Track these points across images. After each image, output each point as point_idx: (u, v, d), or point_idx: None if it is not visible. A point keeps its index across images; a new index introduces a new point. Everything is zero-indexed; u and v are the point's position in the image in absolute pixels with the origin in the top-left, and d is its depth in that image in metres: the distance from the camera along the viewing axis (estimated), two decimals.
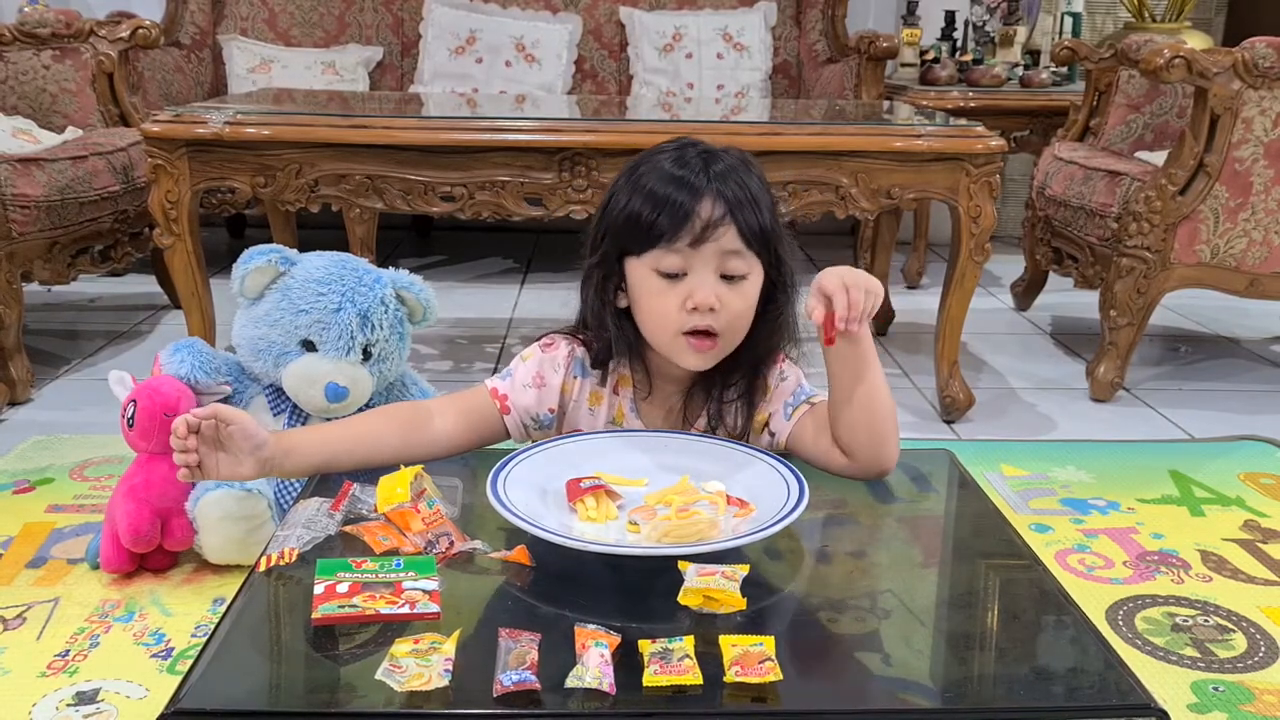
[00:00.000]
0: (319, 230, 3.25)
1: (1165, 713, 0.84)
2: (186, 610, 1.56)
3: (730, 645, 0.86)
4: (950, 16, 3.78)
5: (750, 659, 0.84)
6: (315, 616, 0.90)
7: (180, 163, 2.16)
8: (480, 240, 4.09)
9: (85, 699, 1.37)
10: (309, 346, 1.68)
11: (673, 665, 0.83)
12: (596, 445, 1.20)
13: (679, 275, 1.18)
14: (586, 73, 3.76)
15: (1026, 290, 3.27)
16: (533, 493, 1.09)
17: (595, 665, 0.82)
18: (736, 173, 1.19)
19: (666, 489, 1.10)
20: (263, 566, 1.00)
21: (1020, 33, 3.71)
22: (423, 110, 2.72)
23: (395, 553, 1.01)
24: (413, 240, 4.12)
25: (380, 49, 3.74)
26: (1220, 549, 1.83)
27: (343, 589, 0.93)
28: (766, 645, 0.85)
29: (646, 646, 0.86)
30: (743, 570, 0.95)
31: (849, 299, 1.11)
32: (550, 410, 1.28)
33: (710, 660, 0.84)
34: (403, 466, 1.08)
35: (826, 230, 3.77)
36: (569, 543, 0.98)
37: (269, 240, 2.12)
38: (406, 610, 0.91)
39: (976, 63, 3.65)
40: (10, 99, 2.83)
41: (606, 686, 0.81)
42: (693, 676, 0.82)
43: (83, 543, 1.73)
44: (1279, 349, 3.03)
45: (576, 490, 1.08)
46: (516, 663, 0.83)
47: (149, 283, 3.11)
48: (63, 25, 2.82)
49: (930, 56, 3.69)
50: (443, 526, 1.04)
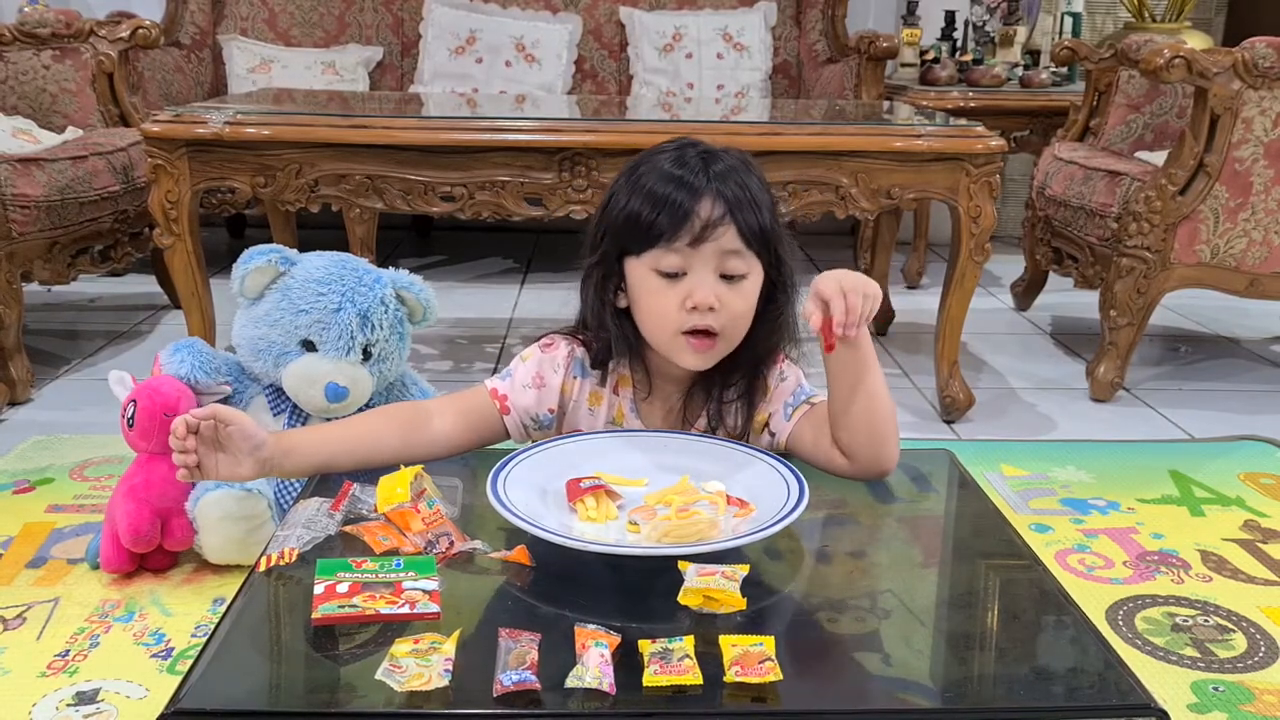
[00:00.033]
0: (319, 230, 3.25)
1: (1165, 713, 0.84)
2: (186, 610, 1.56)
3: (730, 645, 0.86)
4: (950, 16, 3.78)
5: (750, 659, 0.84)
6: (315, 616, 0.90)
7: (180, 163, 2.16)
8: (480, 240, 4.09)
9: (85, 699, 1.37)
10: (309, 346, 1.68)
11: (673, 665, 0.83)
12: (596, 445, 1.20)
13: (678, 275, 1.18)
14: (586, 73, 3.76)
15: (1026, 290, 3.27)
16: (533, 493, 1.09)
17: (595, 665, 0.82)
18: (736, 173, 1.19)
19: (666, 489, 1.10)
20: (263, 566, 1.00)
21: (1020, 33, 3.71)
22: (423, 110, 2.72)
23: (395, 553, 1.01)
24: (413, 240, 4.12)
25: (380, 49, 3.74)
26: (1220, 549, 1.83)
27: (343, 589, 0.93)
28: (766, 645, 0.85)
29: (646, 646, 0.86)
30: (743, 570, 0.95)
31: (846, 304, 1.10)
32: (550, 410, 1.28)
33: (710, 660, 0.84)
34: (402, 466, 1.08)
35: (826, 230, 3.77)
36: (569, 543, 0.98)
37: (269, 240, 2.12)
38: (406, 610, 0.91)
39: (976, 63, 3.65)
40: (10, 99, 2.83)
41: (606, 686, 0.81)
42: (693, 676, 0.82)
43: (83, 543, 1.74)
44: (1279, 349, 3.03)
45: (576, 490, 1.08)
46: (516, 663, 0.83)
47: (149, 283, 3.11)
48: (63, 25, 2.82)
49: (930, 56, 3.69)
50: (443, 526, 1.04)
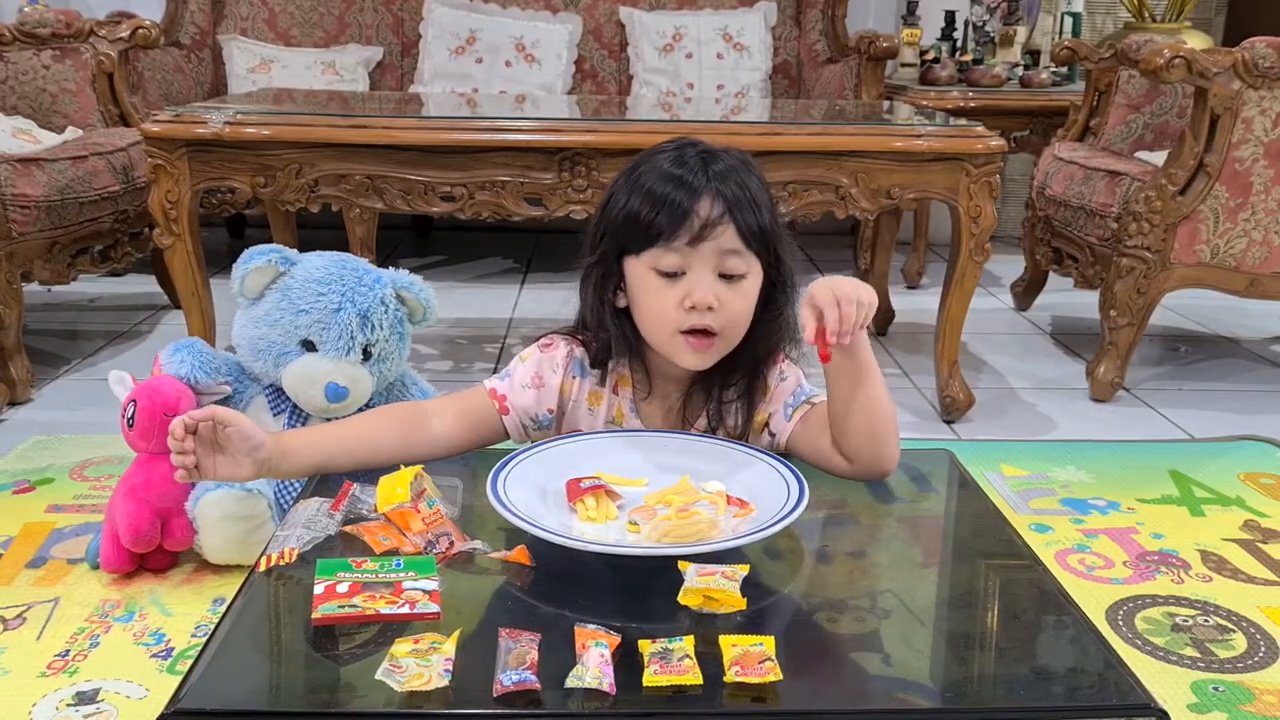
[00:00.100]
0: (319, 230, 3.25)
1: (1165, 713, 0.84)
2: (186, 610, 1.56)
3: (730, 645, 0.86)
4: (950, 16, 3.78)
5: (750, 659, 0.84)
6: (315, 616, 0.90)
7: (180, 163, 2.16)
8: (480, 240, 4.09)
9: (85, 699, 1.37)
10: (309, 346, 1.68)
11: (673, 665, 0.83)
12: (596, 445, 1.20)
13: (678, 274, 1.18)
14: (586, 73, 3.76)
15: (1026, 290, 3.27)
16: (533, 493, 1.09)
17: (595, 665, 0.82)
18: (736, 173, 1.19)
19: (666, 489, 1.10)
20: (263, 566, 1.00)
21: (1020, 33, 3.71)
22: (423, 110, 2.72)
23: (395, 553, 1.01)
24: (413, 240, 4.12)
25: (380, 49, 3.74)
26: (1220, 549, 1.83)
27: (343, 589, 0.93)
28: (766, 645, 0.85)
29: (646, 646, 0.86)
30: (743, 570, 0.95)
31: (840, 312, 1.09)
32: (549, 410, 1.28)
33: (710, 660, 0.84)
34: (402, 467, 1.08)
35: (826, 230, 3.77)
36: (569, 543, 0.98)
37: (269, 240, 2.12)
38: (406, 610, 0.91)
39: (976, 63, 3.65)
40: (10, 99, 2.83)
41: (606, 686, 0.81)
42: (693, 676, 0.82)
43: (83, 543, 1.74)
44: (1279, 349, 3.03)
45: (576, 490, 1.08)
46: (516, 663, 0.83)
47: (149, 283, 3.11)
48: (63, 25, 2.82)
49: (930, 56, 3.69)
50: (443, 526, 1.04)
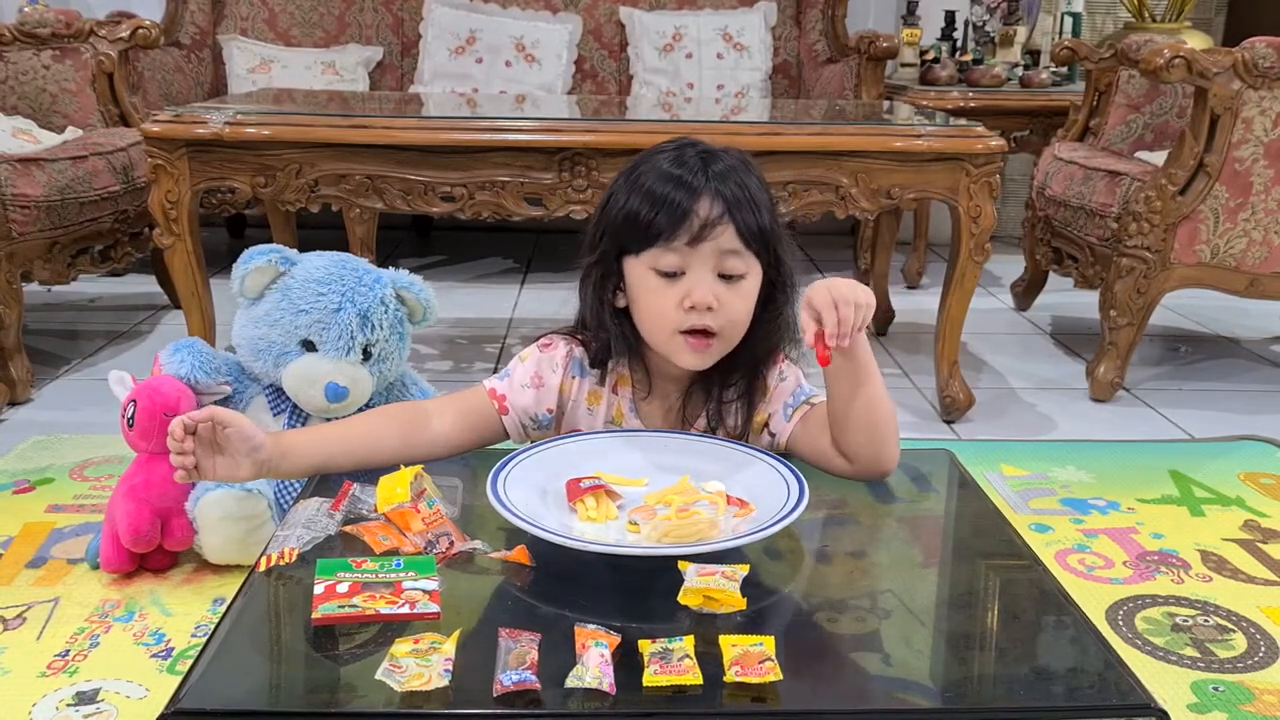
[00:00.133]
0: (319, 230, 3.25)
1: (1165, 713, 0.84)
2: (186, 610, 1.56)
3: (730, 645, 0.86)
4: (950, 16, 3.78)
5: (750, 659, 0.84)
6: (315, 616, 0.90)
7: (180, 163, 2.16)
8: (480, 240, 4.09)
9: (85, 699, 1.37)
10: (309, 346, 1.68)
11: (673, 665, 0.83)
12: (596, 445, 1.20)
13: (677, 274, 1.18)
14: (586, 73, 3.76)
15: (1026, 290, 3.27)
16: (533, 493, 1.09)
17: (595, 665, 0.82)
18: (735, 173, 1.19)
19: (666, 489, 1.10)
20: (263, 566, 1.00)
21: (1020, 33, 3.71)
22: (423, 110, 2.72)
23: (395, 553, 1.01)
24: (413, 240, 4.12)
25: (380, 49, 3.74)
26: (1220, 549, 1.83)
27: (343, 589, 0.93)
28: (766, 645, 0.85)
29: (646, 646, 0.86)
30: (743, 570, 0.95)
31: (839, 315, 1.09)
32: (549, 410, 1.28)
33: (710, 660, 0.84)
34: (402, 467, 1.08)
35: (826, 230, 3.77)
36: (569, 543, 0.98)
37: (269, 240, 2.12)
38: (406, 610, 0.91)
39: (976, 63, 3.65)
40: (10, 99, 2.83)
41: (606, 686, 0.81)
42: (693, 676, 0.82)
43: (83, 543, 1.73)
44: (1279, 349, 3.03)
45: (576, 490, 1.08)
46: (516, 663, 0.82)
47: (149, 283, 3.11)
48: (63, 25, 2.82)
49: (930, 56, 3.69)
50: (443, 526, 1.04)
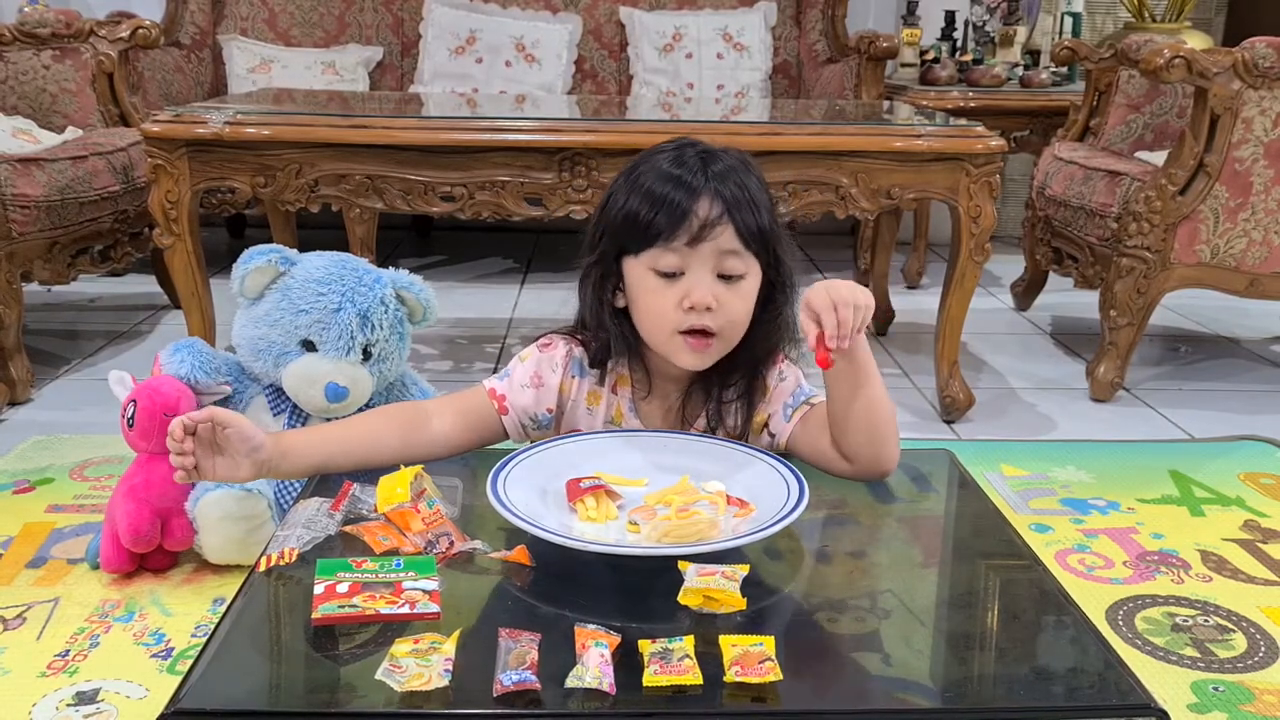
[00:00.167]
0: (319, 230, 3.25)
1: (1165, 713, 0.84)
2: (186, 610, 1.56)
3: (730, 645, 0.86)
4: (950, 16, 3.78)
5: (750, 659, 0.84)
6: (315, 616, 0.90)
7: (180, 163, 2.16)
8: (480, 240, 4.09)
9: (85, 699, 1.37)
10: (309, 346, 1.68)
11: (673, 665, 0.83)
12: (596, 445, 1.20)
13: (676, 274, 1.18)
14: (586, 73, 3.76)
15: (1026, 290, 3.27)
16: (533, 493, 1.09)
17: (595, 665, 0.82)
18: (735, 173, 1.19)
19: (666, 489, 1.10)
20: (263, 566, 1.00)
21: (1020, 33, 3.71)
22: (423, 110, 2.72)
23: (395, 553, 1.01)
24: (413, 240, 4.12)
25: (380, 49, 3.74)
26: (1220, 549, 1.83)
27: (343, 589, 0.93)
28: (766, 645, 0.85)
29: (646, 646, 0.86)
30: (743, 570, 0.95)
31: (838, 317, 1.09)
32: (548, 410, 1.28)
33: (710, 660, 0.84)
34: (402, 467, 1.08)
35: (826, 230, 3.77)
36: (569, 543, 0.98)
37: (269, 240, 2.13)
38: (406, 610, 0.91)
39: (976, 63, 3.65)
40: (10, 99, 2.83)
41: (606, 686, 0.81)
42: (693, 676, 0.82)
43: (83, 543, 1.73)
44: (1279, 349, 3.03)
45: (576, 490, 1.08)
46: (516, 663, 0.83)
47: (149, 283, 3.11)
48: (63, 25, 2.82)
49: (930, 56, 3.69)
50: (443, 526, 1.04)
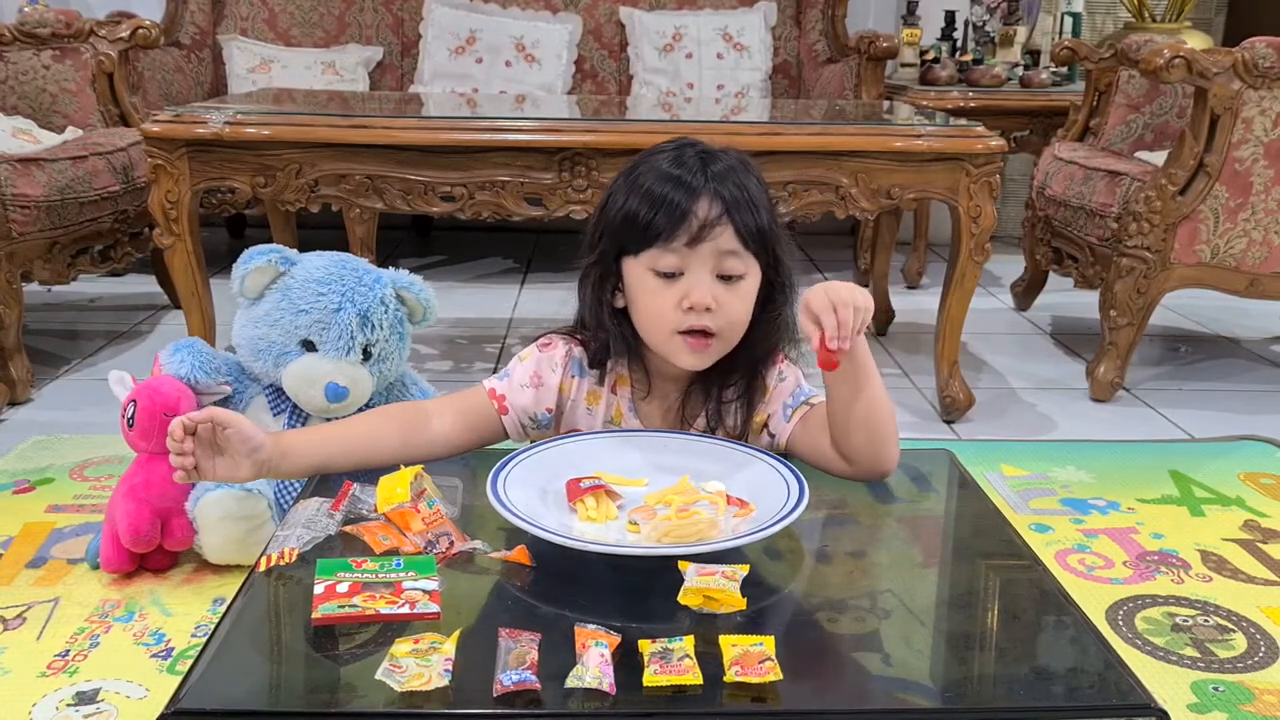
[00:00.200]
0: (319, 230, 3.25)
1: (1165, 713, 0.84)
2: (186, 610, 1.56)
3: (730, 645, 0.86)
4: (950, 16, 3.78)
5: (750, 659, 0.84)
6: (315, 616, 0.90)
7: (180, 163, 2.16)
8: (480, 240, 4.09)
9: (85, 699, 1.37)
10: (309, 346, 1.68)
11: (673, 665, 0.83)
12: (596, 445, 1.20)
13: (676, 275, 1.18)
14: (586, 73, 3.76)
15: (1026, 290, 3.27)
16: (533, 493, 1.09)
17: (595, 665, 0.82)
18: (735, 173, 1.19)
19: (666, 489, 1.10)
20: (263, 566, 1.00)
21: (1020, 33, 3.71)
22: (423, 110, 2.72)
23: (395, 553, 1.01)
24: (413, 240, 4.12)
25: (380, 49, 3.74)
26: (1220, 549, 1.83)
27: (343, 589, 0.93)
28: (766, 645, 0.85)
29: (646, 646, 0.86)
30: (743, 570, 0.95)
31: (838, 318, 1.08)
32: (548, 410, 1.28)
33: (710, 660, 0.84)
34: (402, 467, 1.08)
35: (826, 230, 3.77)
36: (569, 543, 0.98)
37: (269, 240, 2.12)
38: (406, 610, 0.91)
39: (976, 63, 3.65)
40: (10, 99, 2.83)
41: (606, 686, 0.81)
42: (693, 676, 0.82)
43: (83, 543, 1.74)
44: (1279, 349, 3.03)
45: (576, 490, 1.08)
46: (516, 663, 0.82)
47: (149, 283, 3.11)
48: (63, 25, 2.82)
49: (930, 56, 3.69)
50: (443, 526, 1.04)
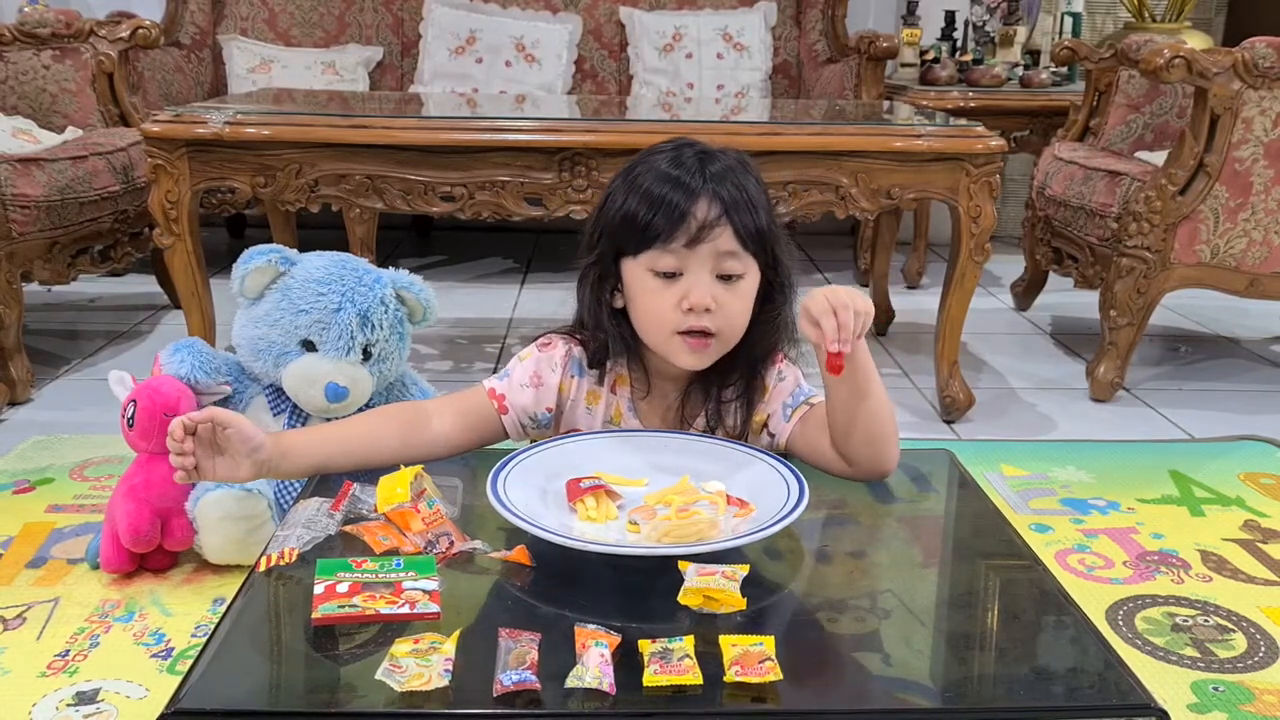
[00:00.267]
0: (319, 230, 3.25)
1: (1165, 713, 0.84)
2: (186, 610, 1.56)
3: (730, 645, 0.86)
4: (950, 16, 3.78)
5: (750, 659, 0.84)
6: (315, 616, 0.90)
7: (180, 163, 2.16)
8: (480, 240, 4.09)
9: (85, 699, 1.37)
10: (309, 346, 1.68)
11: (673, 665, 0.83)
12: (596, 445, 1.20)
13: (675, 275, 1.18)
14: (586, 73, 3.76)
15: (1026, 290, 3.27)
16: (533, 493, 1.09)
17: (595, 665, 0.82)
18: (733, 173, 1.19)
19: (666, 489, 1.10)
20: (263, 566, 1.00)
21: (1020, 33, 3.71)
22: (423, 110, 2.72)
23: (395, 553, 1.01)
24: (413, 240, 4.12)
25: (380, 49, 3.74)
26: (1220, 549, 1.83)
27: (343, 589, 0.93)
28: (766, 645, 0.85)
29: (646, 646, 0.86)
30: (743, 570, 0.95)
31: (838, 320, 1.08)
32: (548, 410, 1.28)
33: (710, 660, 0.84)
34: (402, 467, 1.08)
35: (826, 230, 3.77)
36: (569, 543, 0.98)
37: (269, 240, 2.12)
38: (406, 610, 0.91)
39: (976, 63, 3.65)
40: (10, 99, 2.83)
41: (606, 686, 0.81)
42: (693, 676, 0.82)
43: (83, 543, 1.74)
44: (1279, 349, 3.03)
45: (576, 490, 1.08)
46: (516, 663, 0.83)
47: (149, 283, 3.11)
48: (63, 25, 2.82)
49: (930, 56, 3.69)
50: (443, 526, 1.04)
